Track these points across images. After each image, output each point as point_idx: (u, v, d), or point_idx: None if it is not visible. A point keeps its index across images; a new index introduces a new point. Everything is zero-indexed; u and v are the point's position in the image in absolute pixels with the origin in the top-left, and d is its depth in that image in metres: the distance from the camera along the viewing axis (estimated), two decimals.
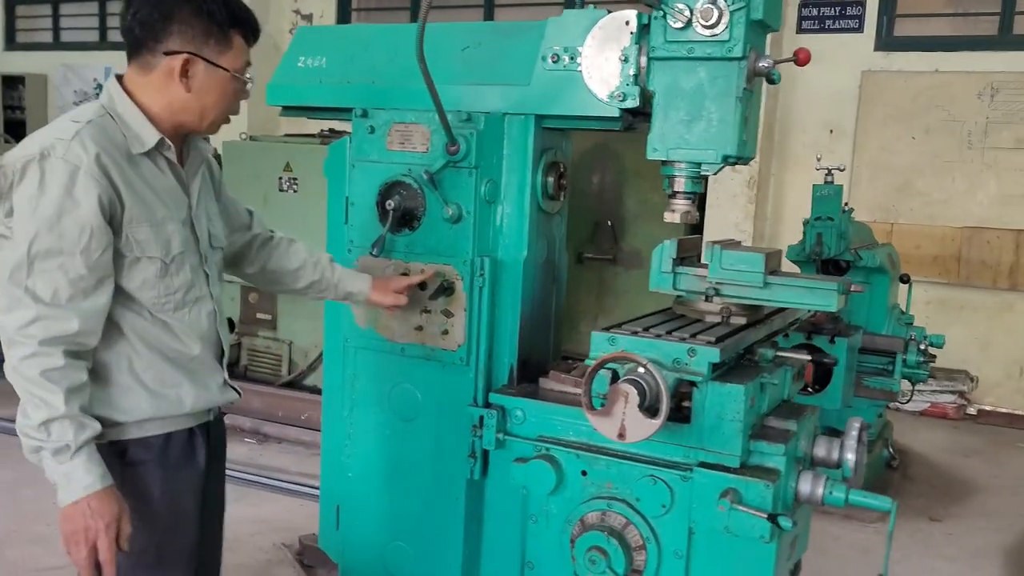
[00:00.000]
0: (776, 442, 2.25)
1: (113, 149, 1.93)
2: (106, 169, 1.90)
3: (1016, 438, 6.24)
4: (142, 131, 2.00)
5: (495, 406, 2.55)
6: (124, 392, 2.03)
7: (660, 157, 2.39)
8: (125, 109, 2.00)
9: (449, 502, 2.67)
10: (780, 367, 2.46)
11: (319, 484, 4.57)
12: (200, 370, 2.14)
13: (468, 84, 2.57)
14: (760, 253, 2.45)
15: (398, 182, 2.60)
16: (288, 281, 2.53)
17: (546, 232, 2.72)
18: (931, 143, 6.78)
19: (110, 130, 1.96)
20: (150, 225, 1.98)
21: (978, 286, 6.68)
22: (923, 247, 6.80)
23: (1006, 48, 6.60)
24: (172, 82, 1.99)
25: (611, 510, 2.38)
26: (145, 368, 2.04)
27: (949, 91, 6.66)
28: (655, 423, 2.06)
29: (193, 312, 2.10)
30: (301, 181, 5.76)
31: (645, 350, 2.21)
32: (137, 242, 1.97)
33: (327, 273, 2.52)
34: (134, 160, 1.98)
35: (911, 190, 6.88)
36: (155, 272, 2.01)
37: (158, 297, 2.02)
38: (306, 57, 2.85)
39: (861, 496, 2.29)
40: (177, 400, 2.09)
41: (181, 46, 1.98)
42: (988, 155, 6.63)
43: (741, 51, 2.24)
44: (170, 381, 2.08)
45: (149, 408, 2.05)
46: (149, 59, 2.00)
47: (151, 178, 2.01)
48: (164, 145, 2.02)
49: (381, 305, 2.59)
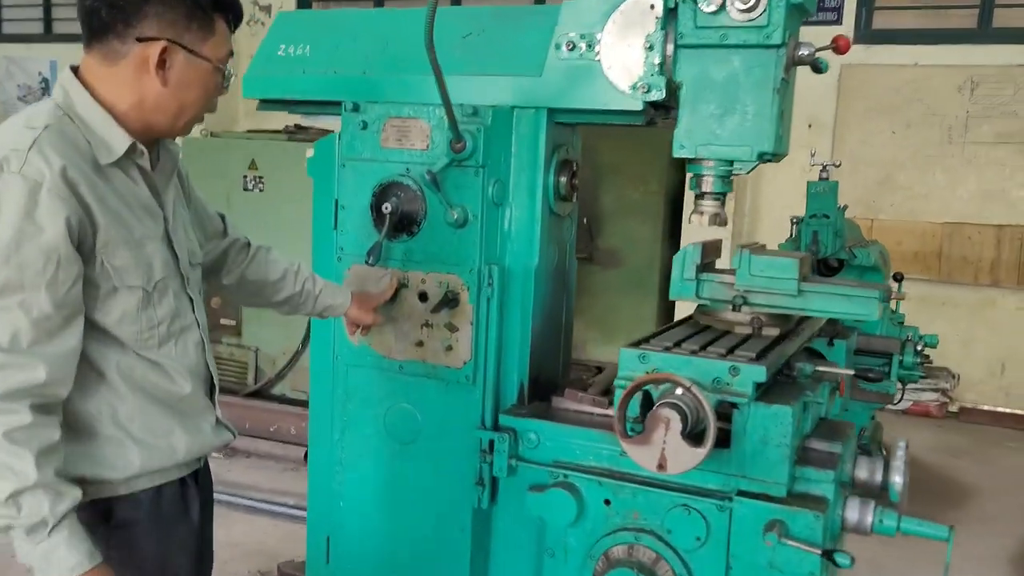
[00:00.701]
0: (824, 468, 2.05)
1: (80, 160, 1.63)
2: (74, 185, 1.59)
3: (1002, 437, 6.17)
4: (109, 135, 1.69)
5: (506, 428, 2.31)
6: (110, 446, 1.74)
7: (687, 155, 2.17)
8: (86, 109, 1.69)
9: (453, 533, 2.43)
10: (819, 383, 2.26)
11: (295, 503, 4.34)
12: (191, 411, 1.86)
13: (471, 75, 2.32)
14: (793, 258, 2.26)
15: (395, 183, 2.35)
16: (268, 293, 2.28)
17: (557, 236, 2.49)
18: (912, 137, 6.68)
19: (72, 136, 1.65)
20: (128, 247, 1.68)
21: (959, 283, 6.60)
22: (904, 243, 6.70)
23: (986, 41, 6.52)
24: (145, 74, 1.69)
25: (639, 543, 2.15)
26: (132, 416, 1.75)
27: (929, 85, 6.56)
28: (700, 452, 1.84)
29: (180, 345, 1.82)
30: (267, 180, 5.47)
31: (681, 368, 2.00)
32: (115, 269, 1.67)
33: (308, 285, 2.29)
34: (102, 171, 1.67)
35: (892, 185, 6.78)
36: (136, 303, 1.71)
37: (140, 332, 1.73)
38: (287, 45, 2.58)
39: (915, 524, 2.10)
40: (169, 450, 1.81)
41: (158, 31, 1.68)
42: (969, 149, 6.55)
43: (781, 37, 2.03)
44: (161, 429, 1.80)
45: (139, 462, 1.76)
46: (117, 46, 1.68)
47: (124, 191, 1.71)
48: (136, 151, 1.72)
49: (360, 322, 2.36)
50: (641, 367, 2.04)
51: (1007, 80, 6.39)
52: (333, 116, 2.62)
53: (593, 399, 2.32)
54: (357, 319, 2.34)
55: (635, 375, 2.05)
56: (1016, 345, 6.67)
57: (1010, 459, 5.73)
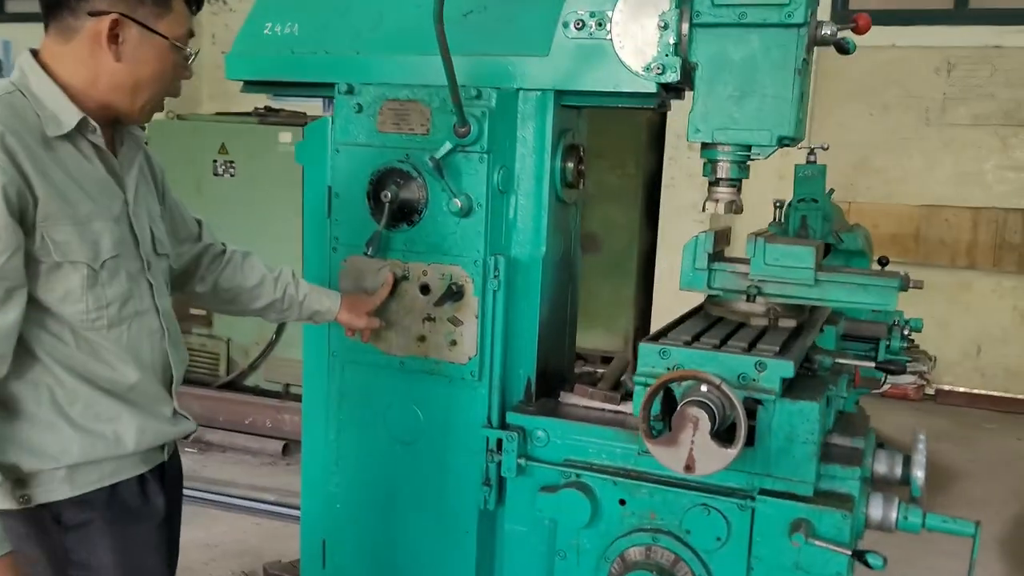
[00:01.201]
0: (849, 464, 1.98)
1: (23, 130, 1.58)
2: (12, 153, 1.54)
3: (979, 419, 6.20)
4: (59, 109, 1.64)
5: (514, 427, 2.21)
6: (45, 431, 1.65)
7: (703, 139, 2.07)
8: (39, 85, 1.65)
9: (458, 535, 2.33)
10: (839, 375, 2.19)
11: (276, 499, 4.22)
12: (141, 400, 1.77)
13: (472, 55, 2.19)
14: (809, 246, 2.18)
15: (394, 169, 2.22)
16: (245, 300, 2.19)
17: (563, 225, 2.38)
18: (889, 120, 6.66)
19: (20, 108, 1.61)
20: (72, 223, 1.62)
21: (936, 265, 6.59)
22: (881, 226, 6.66)
23: (962, 22, 6.50)
24: (99, 49, 1.65)
25: (657, 544, 2.07)
26: (71, 400, 1.67)
27: (906, 66, 6.54)
28: (731, 453, 1.75)
29: (132, 330, 1.74)
30: (238, 164, 5.29)
31: (705, 364, 1.91)
32: (55, 243, 1.60)
33: (291, 290, 2.19)
34: (50, 144, 1.62)
35: (868, 168, 6.75)
36: (80, 281, 1.64)
37: (86, 312, 1.66)
38: (273, 23, 2.43)
39: (940, 520, 2.05)
40: (115, 438, 1.72)
41: (109, 5, 1.64)
42: (946, 132, 6.54)
43: (803, 16, 1.94)
44: (105, 414, 1.71)
45: (79, 450, 1.68)
46: (70, 22, 1.65)
47: (72, 166, 1.65)
48: (87, 127, 1.67)
49: (352, 327, 2.25)
50: (662, 363, 1.95)
51: (984, 62, 6.38)
52: (317, 98, 2.50)
53: (604, 395, 2.23)
54: (349, 324, 2.24)
55: (655, 371, 1.96)
56: (991, 327, 6.70)
57: (990, 441, 5.76)
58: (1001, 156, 6.49)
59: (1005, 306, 6.68)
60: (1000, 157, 6.50)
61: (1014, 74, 6.35)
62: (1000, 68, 6.38)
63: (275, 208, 5.09)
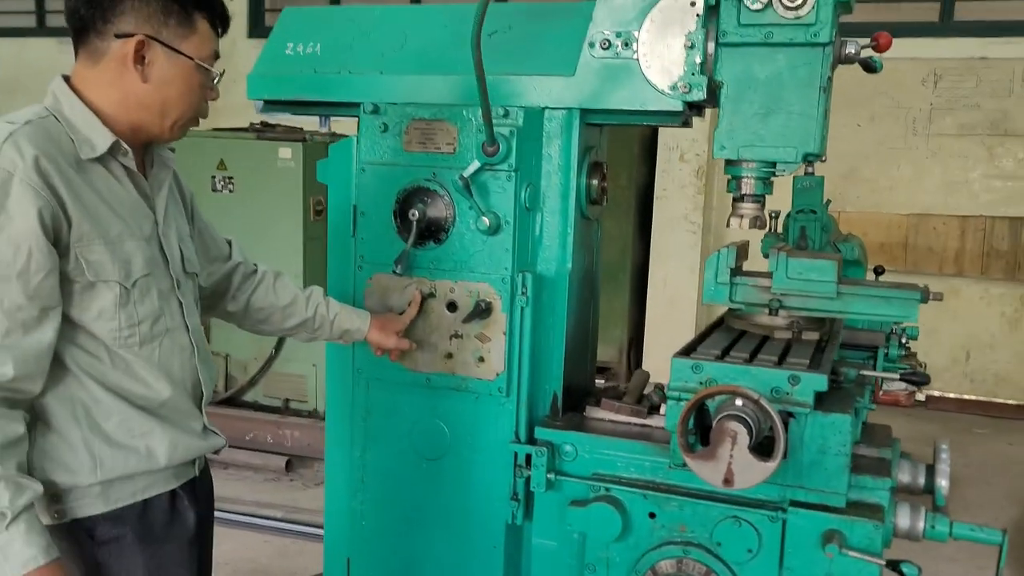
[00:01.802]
0: (879, 475, 2.02)
1: (57, 154, 1.60)
2: (47, 176, 1.56)
3: (970, 424, 6.28)
4: (92, 133, 1.67)
5: (542, 442, 2.23)
6: (80, 447, 1.68)
7: (729, 156, 2.11)
8: (72, 109, 1.68)
9: (485, 550, 2.34)
10: (863, 387, 2.23)
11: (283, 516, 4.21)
12: (172, 416, 1.80)
13: (498, 75, 2.21)
14: (831, 260, 2.22)
15: (421, 188, 2.24)
16: (277, 320, 2.20)
17: (587, 241, 2.41)
18: (876, 130, 6.75)
19: (54, 132, 1.64)
20: (104, 243, 1.65)
21: (924, 273, 6.68)
22: (870, 234, 6.75)
23: (948, 34, 6.61)
24: (126, 71, 1.68)
25: (688, 557, 2.10)
26: (106, 416, 1.70)
27: (894, 77, 6.62)
28: (770, 466, 1.78)
29: (163, 347, 1.77)
30: (237, 180, 5.28)
31: (738, 378, 1.94)
32: (89, 263, 1.63)
33: (321, 309, 2.21)
34: (83, 167, 1.65)
35: (857, 177, 6.84)
36: (113, 299, 1.67)
37: (118, 329, 1.69)
38: (295, 43, 2.45)
39: (968, 529, 2.09)
40: (148, 453, 1.75)
41: (135, 27, 1.67)
42: (933, 142, 6.65)
43: (828, 35, 1.98)
44: (138, 429, 1.73)
45: (113, 465, 1.70)
46: (97, 44, 1.68)
47: (104, 188, 1.68)
48: (119, 149, 1.70)
49: (382, 347, 2.26)
50: (695, 377, 1.98)
51: (969, 73, 6.50)
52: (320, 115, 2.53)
53: (632, 409, 2.25)
54: (379, 343, 2.25)
55: (688, 385, 1.99)
56: (979, 333, 6.80)
57: (982, 446, 5.84)
58: (987, 165, 6.60)
59: (993, 312, 6.78)
60: (986, 166, 6.61)
61: (999, 85, 6.47)
62: (985, 79, 6.50)
63: (275, 223, 5.09)
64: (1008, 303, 6.75)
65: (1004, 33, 6.45)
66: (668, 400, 1.99)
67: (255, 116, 5.95)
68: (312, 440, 5.09)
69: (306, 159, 5.25)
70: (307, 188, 5.30)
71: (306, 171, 5.26)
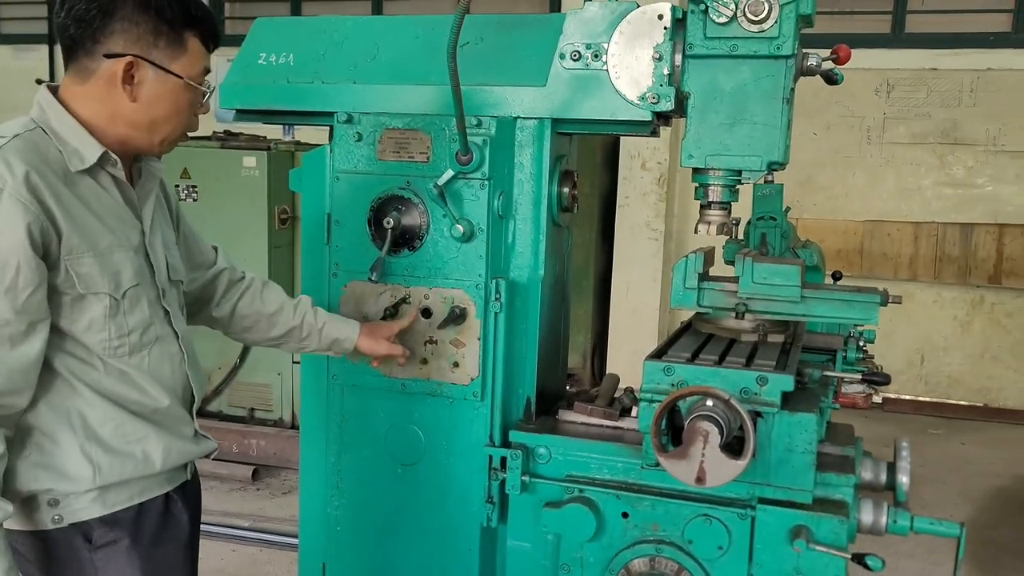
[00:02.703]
0: (844, 472, 2.09)
1: (46, 167, 1.61)
2: (37, 191, 1.57)
3: (925, 425, 6.44)
4: (81, 145, 1.68)
5: (516, 445, 2.27)
6: (78, 455, 1.70)
7: (697, 164, 2.17)
8: (60, 121, 1.68)
9: (461, 553, 2.37)
10: (826, 387, 2.30)
11: (250, 525, 4.19)
12: (166, 422, 1.82)
13: (471, 85, 2.25)
14: (795, 265, 2.29)
15: (395, 196, 2.27)
16: (263, 327, 2.21)
17: (558, 248, 2.46)
18: (832, 139, 6.91)
19: (42, 145, 1.65)
20: (93, 255, 1.66)
21: (880, 278, 6.84)
22: (827, 241, 6.89)
23: (900, 46, 6.79)
24: (115, 90, 1.69)
25: (661, 555, 2.15)
26: (102, 422, 1.71)
27: (848, 87, 6.75)
28: (740, 464, 1.85)
29: (153, 355, 1.79)
30: (201, 189, 5.25)
31: (708, 379, 2.00)
32: (79, 276, 1.64)
33: (309, 318, 2.21)
34: (72, 179, 1.66)
35: (814, 185, 6.99)
36: (103, 311, 1.68)
37: (108, 340, 1.70)
38: (267, 53, 2.47)
39: (928, 523, 2.17)
40: (144, 458, 1.77)
41: (125, 47, 1.68)
42: (886, 150, 6.82)
43: (791, 48, 2.06)
44: (133, 434, 1.75)
45: (111, 470, 1.72)
46: (87, 63, 1.69)
47: (92, 199, 1.69)
48: (108, 160, 1.71)
49: (373, 354, 2.26)
50: (666, 379, 2.04)
51: (920, 83, 6.68)
52: (289, 124, 2.53)
53: (604, 411, 2.30)
54: (371, 351, 2.24)
55: (660, 387, 2.04)
56: (933, 336, 6.98)
57: (936, 446, 5.99)
58: (939, 173, 6.79)
59: (946, 316, 6.96)
60: (938, 174, 6.79)
61: (949, 95, 6.66)
62: (935, 89, 6.69)
63: (239, 232, 5.08)
64: (960, 307, 6.94)
65: (953, 45, 6.65)
66: (641, 402, 2.05)
67: (218, 125, 5.94)
68: (278, 449, 5.08)
69: (270, 168, 5.24)
70: (272, 196, 5.29)
71: (270, 180, 5.25)
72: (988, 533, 4.66)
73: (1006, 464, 5.74)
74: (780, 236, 4.63)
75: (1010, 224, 6.67)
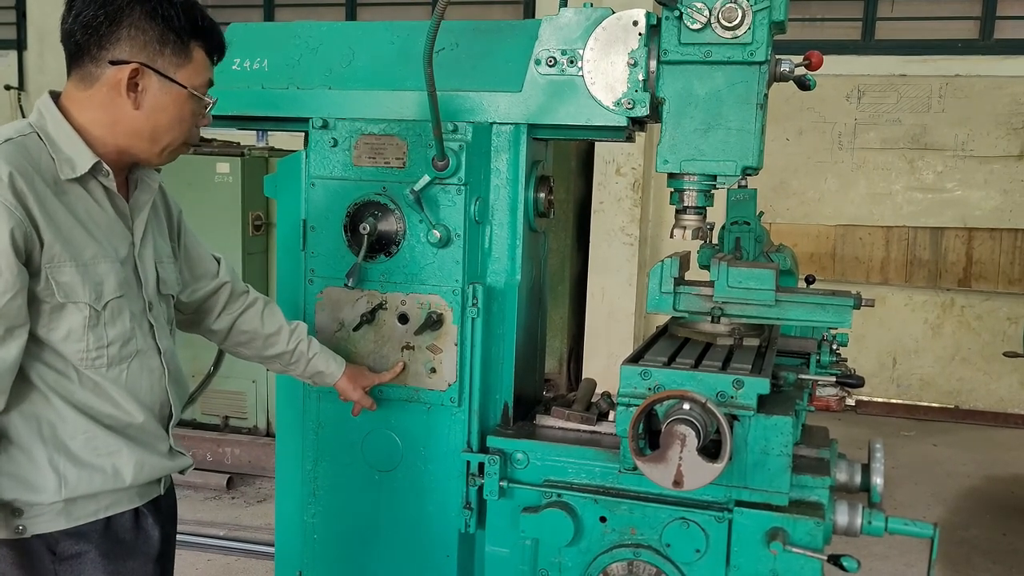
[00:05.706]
0: (819, 474, 2.10)
1: (34, 173, 1.60)
2: (21, 196, 1.56)
3: (897, 427, 6.51)
4: (74, 153, 1.67)
5: (494, 450, 2.27)
6: (45, 466, 1.67)
7: (672, 169, 2.19)
8: (56, 128, 1.67)
9: (438, 560, 2.37)
10: (802, 390, 2.32)
11: (225, 534, 4.16)
12: (140, 436, 1.79)
13: (447, 91, 2.26)
14: (769, 269, 2.31)
15: (371, 202, 2.27)
16: (258, 346, 2.20)
17: (534, 253, 2.46)
18: (804, 144, 6.98)
19: (34, 151, 1.63)
20: (75, 265, 1.64)
21: (852, 281, 6.92)
22: (800, 245, 6.97)
23: (870, 52, 6.87)
24: (118, 97, 1.68)
25: (639, 559, 2.16)
26: (72, 434, 1.69)
27: (819, 93, 6.82)
28: (717, 467, 1.85)
29: (132, 370, 1.76)
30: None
31: (685, 383, 2.01)
32: (59, 285, 1.62)
33: (302, 346, 2.21)
34: (61, 187, 1.64)
35: (786, 190, 7.06)
36: (82, 321, 1.66)
37: (86, 351, 1.68)
38: (242, 58, 2.46)
39: (902, 524, 2.19)
40: (114, 472, 1.74)
41: (131, 54, 1.67)
42: (857, 155, 6.90)
43: (764, 54, 2.08)
44: (104, 448, 1.72)
45: (78, 484, 1.69)
46: (91, 69, 1.68)
47: (80, 209, 1.67)
48: (100, 170, 1.69)
49: (346, 397, 2.28)
50: (643, 383, 2.05)
51: (890, 89, 6.77)
52: (263, 130, 2.52)
53: (581, 416, 2.31)
54: (344, 393, 2.26)
55: (637, 391, 2.05)
56: (905, 339, 7.06)
57: (909, 447, 6.05)
58: (909, 178, 6.88)
59: (917, 319, 7.04)
60: (908, 179, 6.88)
61: (918, 101, 6.75)
62: (905, 95, 6.78)
63: (213, 238, 4.99)
64: (931, 310, 7.02)
65: (922, 52, 6.75)
66: (618, 406, 2.05)
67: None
68: (253, 457, 5.04)
69: (244, 174, 5.21)
70: (246, 203, 5.26)
71: (244, 186, 5.21)
72: (960, 533, 4.72)
73: (977, 465, 5.81)
74: (754, 240, 4.65)
75: (979, 228, 6.77)
